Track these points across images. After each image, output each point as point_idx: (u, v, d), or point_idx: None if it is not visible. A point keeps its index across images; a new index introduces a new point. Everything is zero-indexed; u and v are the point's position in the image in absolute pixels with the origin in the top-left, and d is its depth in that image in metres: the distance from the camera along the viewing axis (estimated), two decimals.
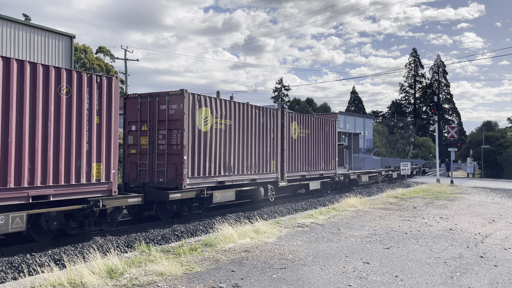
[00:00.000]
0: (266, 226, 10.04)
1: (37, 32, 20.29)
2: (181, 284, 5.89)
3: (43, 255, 8.40)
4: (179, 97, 12.32)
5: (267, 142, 15.90)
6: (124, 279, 5.92)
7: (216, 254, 7.64)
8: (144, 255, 7.05)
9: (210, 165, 13.16)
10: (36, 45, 20.18)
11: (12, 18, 19.31)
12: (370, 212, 13.42)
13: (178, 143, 12.19)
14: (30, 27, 20.08)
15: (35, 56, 20.06)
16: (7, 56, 13.70)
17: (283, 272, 6.63)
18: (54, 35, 21.04)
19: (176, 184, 12.17)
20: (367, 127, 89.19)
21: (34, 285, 5.40)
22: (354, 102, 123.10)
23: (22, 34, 19.62)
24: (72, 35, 21.81)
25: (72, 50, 21.85)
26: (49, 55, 20.73)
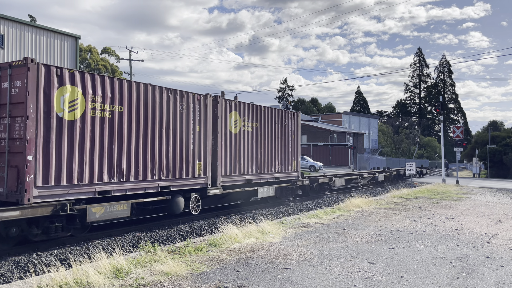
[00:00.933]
0: (271, 226, 10.03)
1: (43, 33, 20.39)
2: (187, 284, 5.90)
3: (49, 255, 8.44)
4: (22, 70, 8.49)
5: (189, 137, 12.15)
6: (129, 279, 5.94)
7: (221, 254, 7.64)
8: (150, 255, 7.07)
9: (82, 168, 9.25)
10: (42, 46, 20.28)
11: (18, 19, 19.41)
12: (375, 212, 13.38)
13: (21, 137, 8.44)
14: (35, 28, 20.19)
15: (40, 56, 20.15)
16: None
17: (288, 272, 6.62)
18: (60, 36, 21.13)
19: (17, 197, 8.33)
20: (372, 127, 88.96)
21: (41, 284, 5.43)
22: (359, 102, 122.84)
23: (28, 35, 19.73)
24: (77, 35, 21.90)
25: (78, 51, 21.94)
26: (55, 55, 20.82)
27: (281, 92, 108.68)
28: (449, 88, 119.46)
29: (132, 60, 42.81)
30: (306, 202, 17.68)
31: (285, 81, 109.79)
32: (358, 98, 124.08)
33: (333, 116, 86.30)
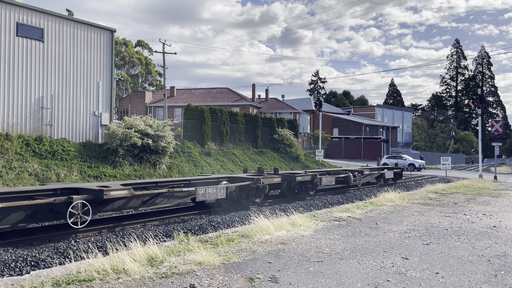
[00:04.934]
0: (302, 219, 10.01)
1: (80, 27, 20.93)
2: (219, 273, 5.98)
3: (86, 242, 8.72)
4: None
5: None
6: (164, 267, 6.07)
7: (252, 245, 7.69)
8: (183, 245, 7.20)
9: None
10: (79, 39, 20.83)
11: (56, 13, 19.99)
12: (409, 207, 13.14)
13: None
14: (73, 22, 20.73)
15: (78, 50, 20.71)
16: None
17: (320, 265, 6.60)
18: (96, 29, 21.64)
19: None
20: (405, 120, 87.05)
21: (80, 270, 5.62)
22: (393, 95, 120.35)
23: (66, 28, 20.29)
24: (113, 29, 22.36)
25: (113, 44, 22.40)
26: (91, 48, 21.35)
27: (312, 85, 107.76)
28: (488, 80, 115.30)
29: (166, 53, 43.40)
30: (337, 196, 17.51)
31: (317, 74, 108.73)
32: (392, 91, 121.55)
33: (365, 109, 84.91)
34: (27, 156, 17.21)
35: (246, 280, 5.76)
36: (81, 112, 20.85)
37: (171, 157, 23.21)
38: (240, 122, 30.84)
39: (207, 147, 26.54)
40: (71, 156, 18.65)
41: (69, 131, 20.32)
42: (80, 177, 17.69)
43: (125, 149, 20.07)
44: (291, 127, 36.04)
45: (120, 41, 67.80)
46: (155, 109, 57.32)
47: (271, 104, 60.94)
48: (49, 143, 18.57)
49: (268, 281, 5.76)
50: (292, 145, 33.52)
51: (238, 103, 54.80)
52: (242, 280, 5.76)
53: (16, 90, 18.46)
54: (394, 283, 5.87)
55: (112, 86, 22.23)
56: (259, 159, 30.02)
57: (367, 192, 19.09)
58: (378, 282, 5.88)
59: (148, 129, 20.95)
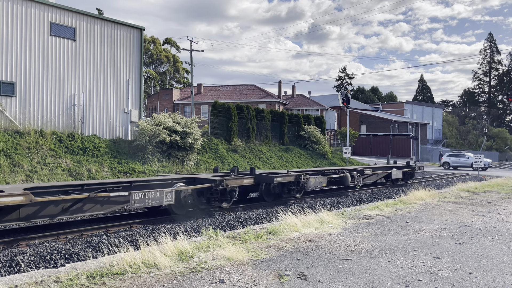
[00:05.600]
0: (330, 217, 9.95)
1: (110, 26, 21.34)
2: (248, 269, 6.01)
3: (117, 236, 8.91)
4: None
5: None
6: (193, 262, 6.15)
7: (280, 242, 7.70)
8: (212, 240, 7.27)
9: None
10: (109, 38, 21.25)
11: (88, 12, 20.45)
12: (440, 206, 12.86)
13: None
14: (103, 21, 21.16)
15: (108, 48, 21.13)
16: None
17: (349, 263, 6.55)
18: (125, 28, 22.02)
19: None
20: (436, 117, 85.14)
21: (113, 263, 5.76)
22: (422, 91, 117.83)
23: (97, 27, 20.73)
24: (142, 27, 22.71)
25: (142, 42, 22.75)
26: (121, 47, 21.75)
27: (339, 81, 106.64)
28: None
29: (193, 50, 43.75)
30: (365, 193, 17.24)
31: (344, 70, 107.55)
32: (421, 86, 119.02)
33: (394, 105, 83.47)
34: (60, 152, 17.71)
35: (275, 276, 5.77)
36: (111, 109, 21.29)
37: (198, 154, 23.43)
38: (267, 118, 30.83)
39: (234, 144, 26.66)
40: (102, 152, 19.08)
41: (100, 127, 20.79)
42: (111, 173, 18.08)
43: (154, 146, 20.38)
44: (317, 123, 35.79)
45: (148, 39, 68.80)
46: (183, 106, 57.95)
47: (297, 100, 60.67)
48: (80, 140, 19.05)
49: (297, 278, 5.76)
50: (319, 142, 33.29)
51: (264, 100, 54.79)
52: (271, 276, 5.77)
53: (49, 88, 19.01)
54: (426, 282, 5.76)
55: (141, 84, 22.60)
56: (285, 156, 29.96)
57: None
58: (409, 281, 5.79)
59: (176, 126, 21.20)
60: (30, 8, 18.33)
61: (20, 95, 18.08)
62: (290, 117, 33.29)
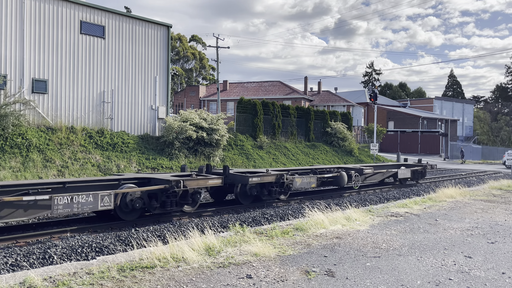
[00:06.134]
0: (358, 214, 9.84)
1: (138, 23, 21.66)
2: (275, 265, 6.01)
3: (145, 231, 9.06)
4: None
5: None
6: (221, 257, 6.20)
7: (307, 238, 7.67)
8: (239, 236, 7.31)
9: None
10: (137, 35, 21.58)
11: (116, 10, 20.82)
12: (471, 204, 12.54)
13: None
14: (131, 18, 21.50)
15: (136, 46, 21.46)
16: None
17: (377, 260, 6.47)
18: (153, 25, 22.31)
19: None
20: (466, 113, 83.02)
21: (142, 257, 5.86)
22: (452, 87, 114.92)
23: (125, 25, 21.08)
24: (169, 24, 22.96)
25: (169, 39, 23.01)
26: (149, 44, 22.05)
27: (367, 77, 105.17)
28: None
29: (219, 47, 43.97)
30: (392, 191, 16.97)
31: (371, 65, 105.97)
32: (451, 82, 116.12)
33: (423, 101, 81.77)
34: (90, 148, 18.14)
35: (302, 273, 5.76)
36: (139, 106, 21.64)
37: (224, 150, 23.57)
38: (292, 115, 30.72)
39: (259, 140, 26.69)
40: (130, 148, 19.43)
41: (128, 124, 21.17)
42: (139, 168, 18.39)
43: (180, 142, 20.62)
44: (344, 120, 35.43)
45: (175, 37, 69.52)
46: (209, 103, 58.36)
47: (323, 96, 60.19)
48: (109, 136, 19.45)
49: (324, 274, 5.73)
50: (346, 139, 32.96)
51: (290, 96, 54.59)
52: (298, 272, 5.76)
53: (80, 85, 19.47)
54: (457, 282, 5.64)
55: (168, 81, 22.87)
56: (311, 153, 29.81)
57: (425, 187, 18.22)
58: (439, 280, 5.68)
59: (202, 122, 21.39)
60: (61, 7, 18.78)
61: (52, 92, 18.58)
62: (316, 114, 33.06)
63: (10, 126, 15.96)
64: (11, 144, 15.95)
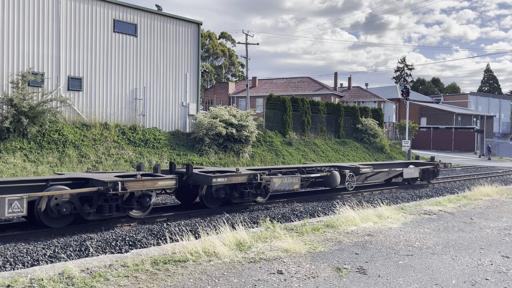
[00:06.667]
0: (390, 211, 9.69)
1: (169, 21, 21.95)
2: (306, 262, 6.00)
3: (177, 225, 9.21)
4: None
5: None
6: (252, 253, 6.23)
7: (338, 235, 7.61)
8: (269, 231, 7.32)
9: None
10: (168, 33, 21.87)
11: (148, 8, 21.16)
12: (509, 203, 12.13)
13: None
14: (162, 16, 21.81)
15: (167, 43, 21.76)
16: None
17: (410, 259, 6.36)
18: (184, 23, 22.56)
19: None
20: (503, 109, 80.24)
21: (175, 251, 5.97)
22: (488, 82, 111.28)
23: (156, 23, 21.41)
24: (199, 22, 23.16)
25: (200, 36, 23.22)
26: (179, 41, 22.32)
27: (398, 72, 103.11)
28: None
29: (248, 43, 44.04)
30: (425, 188, 16.57)
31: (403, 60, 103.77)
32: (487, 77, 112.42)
33: (457, 97, 79.52)
34: (123, 144, 18.55)
35: (333, 269, 5.72)
36: (170, 102, 21.96)
37: (253, 146, 23.65)
38: (322, 111, 30.48)
39: (289, 137, 26.63)
40: (161, 144, 19.76)
41: (160, 120, 21.52)
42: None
43: (210, 138, 20.82)
44: (375, 116, 34.88)
45: (204, 34, 70.07)
46: (238, 99, 58.60)
47: (354, 92, 59.41)
48: (142, 132, 19.83)
49: (355, 272, 5.68)
50: (377, 135, 32.46)
51: (319, 92, 54.16)
52: (329, 269, 5.73)
53: (113, 83, 19.92)
54: (494, 282, 5.48)
55: (198, 78, 23.10)
56: (341, 149, 29.51)
57: (459, 185, 17.76)
58: (475, 280, 5.53)
59: (232, 119, 21.51)
60: (95, 6, 19.24)
61: (86, 89, 19.09)
62: (346, 110, 32.69)
63: (47, 122, 16.50)
64: (49, 140, 16.50)
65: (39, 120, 16.19)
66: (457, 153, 45.61)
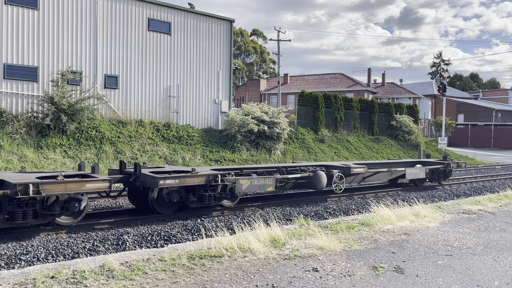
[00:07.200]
0: (427, 210, 9.46)
1: (202, 19, 22.15)
2: (341, 260, 5.94)
3: (210, 221, 9.30)
4: None
5: None
6: (286, 250, 6.22)
7: (374, 234, 7.49)
8: (303, 229, 7.29)
9: None
10: (201, 31, 22.08)
11: (181, 7, 21.44)
12: None
13: None
14: (196, 14, 22.03)
15: (200, 41, 21.97)
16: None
17: (449, 259, 6.19)
18: (216, 20, 22.71)
19: None
20: None
21: (210, 246, 6.03)
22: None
23: (190, 21, 21.65)
24: (232, 19, 23.26)
25: (232, 34, 23.33)
26: (212, 39, 22.49)
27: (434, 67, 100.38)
28: None
29: (280, 40, 43.90)
30: (463, 187, 16.07)
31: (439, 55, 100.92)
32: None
33: (497, 93, 76.72)
34: (157, 141, 18.89)
35: (370, 268, 5.64)
36: (203, 100, 22.18)
37: (285, 143, 23.59)
38: (355, 108, 30.06)
39: (321, 134, 26.41)
40: (194, 141, 20.00)
41: (193, 117, 21.78)
42: (203, 160, 18.90)
43: (242, 135, 20.90)
44: (410, 113, 34.11)
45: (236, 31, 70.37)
46: (269, 96, 58.57)
47: (387, 89, 58.28)
48: (175, 129, 20.13)
49: (393, 271, 5.57)
50: (412, 132, 31.74)
51: (352, 89, 53.43)
52: (365, 268, 5.65)
53: (147, 81, 20.30)
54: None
55: (230, 75, 23.23)
56: (375, 147, 29.03)
57: (500, 184, 17.10)
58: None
59: (263, 116, 21.53)
60: (130, 5, 19.64)
61: (122, 87, 19.53)
62: (380, 106, 32.11)
63: (85, 119, 17.00)
64: (86, 137, 16.99)
65: (77, 117, 16.70)
66: (497, 150, 44.03)
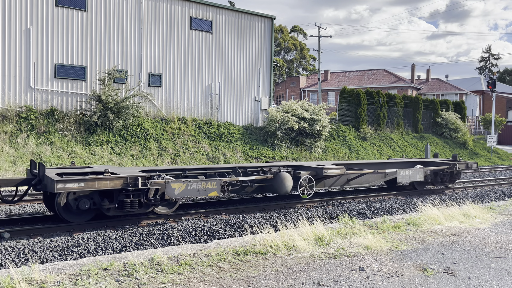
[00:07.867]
0: (477, 211, 9.10)
1: (243, 16, 22.25)
2: (388, 260, 5.81)
3: (252, 218, 9.33)
4: None
5: None
6: (331, 248, 6.15)
7: (421, 234, 7.28)
8: (348, 228, 7.18)
9: None
10: (242, 29, 22.18)
11: (222, 5, 21.62)
12: None
13: None
14: (237, 12, 22.15)
15: (241, 39, 22.08)
16: None
17: (503, 262, 5.92)
18: (257, 18, 22.75)
19: None
20: None
21: (255, 243, 6.05)
22: None
23: (230, 19, 21.79)
24: (272, 16, 23.23)
25: (273, 31, 23.29)
26: (253, 37, 22.56)
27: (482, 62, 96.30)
28: None
29: (321, 36, 43.44)
30: None
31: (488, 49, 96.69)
32: None
33: None
34: (199, 138, 19.17)
35: (418, 269, 5.48)
36: (244, 97, 22.30)
37: (326, 141, 23.34)
38: (398, 104, 29.31)
39: (363, 131, 25.94)
40: (235, 138, 20.15)
41: (233, 115, 21.95)
42: (243, 157, 19.01)
43: (282, 132, 20.86)
44: (456, 109, 32.91)
45: (276, 28, 70.26)
46: (309, 93, 58.13)
47: (432, 85, 56.45)
48: (217, 126, 20.36)
49: (443, 273, 5.39)
50: (458, 130, 30.62)
51: (395, 85, 52.12)
52: (414, 268, 5.50)
53: (189, 79, 20.63)
54: None
55: (271, 72, 23.22)
56: (419, 145, 28.21)
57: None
58: None
59: (304, 113, 21.38)
60: (173, 5, 20.01)
61: (165, 85, 19.95)
62: (425, 103, 31.16)
63: (130, 117, 17.49)
64: (131, 134, 17.48)
65: (123, 115, 17.20)
66: None
